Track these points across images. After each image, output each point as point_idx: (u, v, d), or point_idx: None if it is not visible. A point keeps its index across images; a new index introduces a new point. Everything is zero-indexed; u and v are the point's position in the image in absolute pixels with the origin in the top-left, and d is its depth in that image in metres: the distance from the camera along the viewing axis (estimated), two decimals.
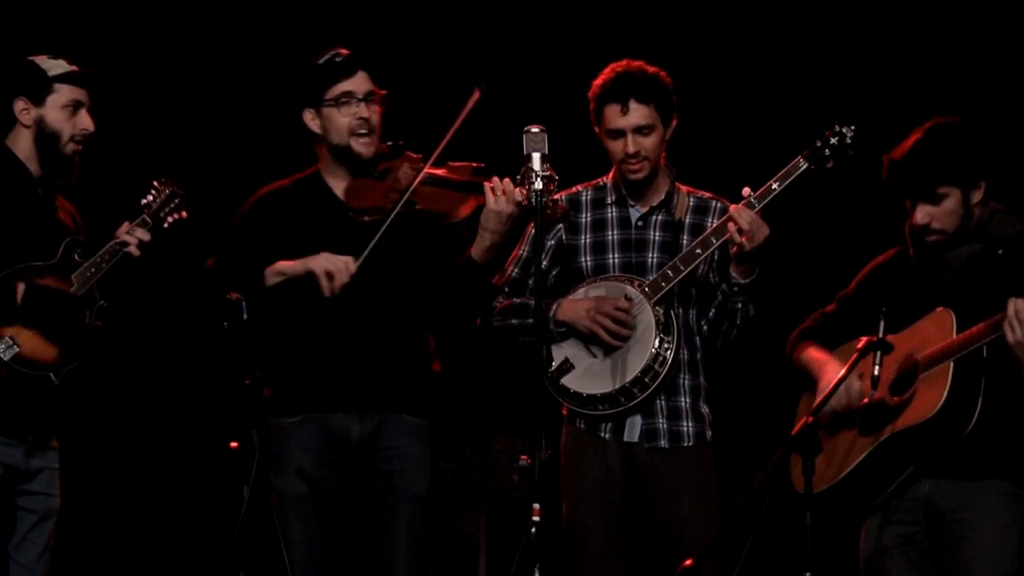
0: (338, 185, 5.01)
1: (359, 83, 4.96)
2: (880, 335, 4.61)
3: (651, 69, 5.10)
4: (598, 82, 5.12)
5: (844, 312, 4.99)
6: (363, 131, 4.95)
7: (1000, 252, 4.74)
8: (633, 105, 5.05)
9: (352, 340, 4.90)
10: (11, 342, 4.79)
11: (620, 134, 5.07)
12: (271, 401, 4.91)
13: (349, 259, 4.79)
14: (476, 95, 4.76)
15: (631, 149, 5.06)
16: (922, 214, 4.74)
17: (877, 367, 4.65)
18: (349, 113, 4.94)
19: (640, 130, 5.06)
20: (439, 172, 4.90)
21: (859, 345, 4.62)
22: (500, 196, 4.77)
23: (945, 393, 4.57)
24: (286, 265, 4.87)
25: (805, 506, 4.46)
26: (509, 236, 4.91)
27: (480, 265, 4.88)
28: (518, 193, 4.74)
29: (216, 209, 6.43)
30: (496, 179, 4.79)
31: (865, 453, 4.73)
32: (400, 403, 4.93)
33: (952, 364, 4.59)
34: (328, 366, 4.90)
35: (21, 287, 4.81)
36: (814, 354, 4.95)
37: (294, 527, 4.85)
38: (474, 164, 4.90)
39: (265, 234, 4.96)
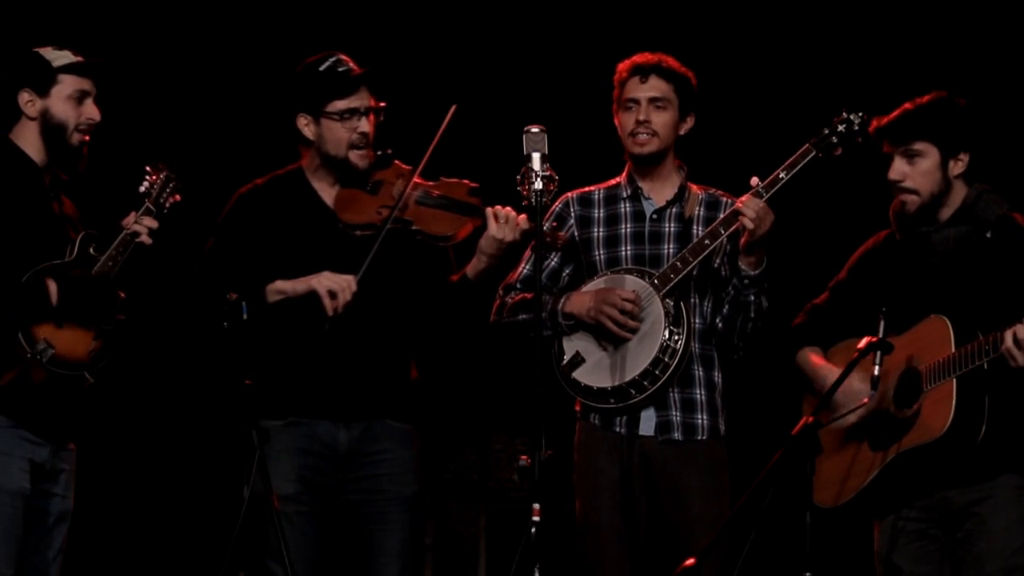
0: (324, 189, 5.01)
1: (362, 98, 4.95)
2: (880, 335, 4.61)
3: (683, 67, 5.16)
4: (623, 65, 5.16)
5: (838, 300, 4.99)
6: (362, 145, 4.96)
7: (988, 235, 4.75)
8: (654, 79, 5.10)
9: (342, 351, 4.90)
10: (46, 344, 4.70)
11: (634, 103, 5.09)
12: (260, 402, 4.88)
13: (350, 278, 4.79)
14: (452, 110, 4.81)
15: (641, 116, 5.07)
16: (896, 171, 4.77)
17: (877, 367, 4.65)
18: (350, 128, 4.94)
19: (655, 101, 5.09)
20: (432, 190, 4.90)
21: (860, 345, 4.62)
22: (503, 224, 4.79)
23: (951, 414, 4.59)
24: (286, 284, 4.86)
25: (805, 506, 4.46)
26: (506, 259, 4.93)
27: (474, 284, 4.91)
28: (523, 221, 4.74)
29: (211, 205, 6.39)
30: (499, 206, 4.79)
31: (876, 472, 4.76)
32: (383, 409, 4.96)
33: (955, 381, 4.60)
34: (317, 375, 4.91)
35: (53, 285, 4.74)
36: (813, 359, 4.96)
37: (278, 525, 4.79)
38: (469, 183, 4.91)
39: (251, 235, 4.95)
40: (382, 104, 4.98)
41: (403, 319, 4.99)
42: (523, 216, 4.76)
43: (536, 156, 4.57)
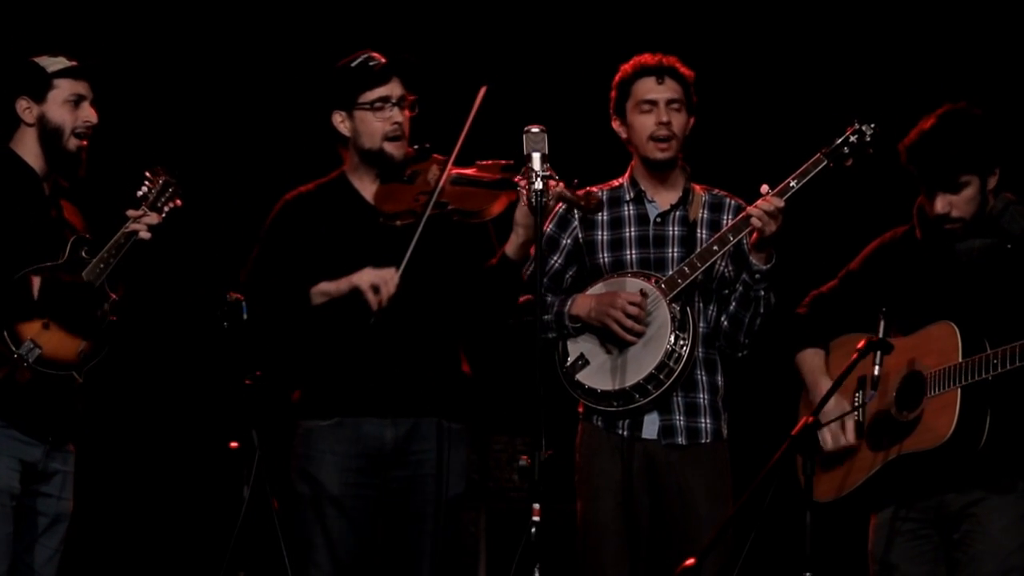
0: (365, 188, 5.01)
1: (394, 88, 4.95)
2: (880, 335, 4.61)
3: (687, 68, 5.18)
4: (629, 66, 5.16)
5: (848, 290, 4.94)
6: (397, 135, 4.95)
7: (1009, 247, 4.73)
8: (669, 81, 5.11)
9: (386, 345, 4.87)
10: (32, 344, 4.74)
11: (653, 104, 5.10)
12: (301, 403, 4.91)
13: (391, 270, 4.76)
14: (483, 91, 4.75)
15: (664, 118, 5.07)
16: (942, 203, 4.70)
17: (877, 367, 4.65)
18: (384, 118, 4.94)
19: (672, 103, 5.10)
20: (469, 172, 4.89)
21: (859, 345, 4.61)
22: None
23: (954, 424, 4.58)
24: (329, 285, 4.84)
25: (805, 506, 4.46)
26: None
27: (514, 262, 4.86)
28: (556, 186, 4.72)
29: (221, 210, 6.44)
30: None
31: (873, 471, 4.76)
32: (433, 407, 4.92)
33: (960, 391, 4.60)
34: (361, 371, 4.88)
35: (37, 280, 4.78)
36: (811, 363, 4.94)
37: (322, 527, 4.82)
38: (503, 162, 4.89)
39: (295, 242, 4.93)
40: (413, 97, 4.99)
41: (449, 308, 4.94)
42: (554, 182, 4.64)
43: (536, 156, 4.56)
